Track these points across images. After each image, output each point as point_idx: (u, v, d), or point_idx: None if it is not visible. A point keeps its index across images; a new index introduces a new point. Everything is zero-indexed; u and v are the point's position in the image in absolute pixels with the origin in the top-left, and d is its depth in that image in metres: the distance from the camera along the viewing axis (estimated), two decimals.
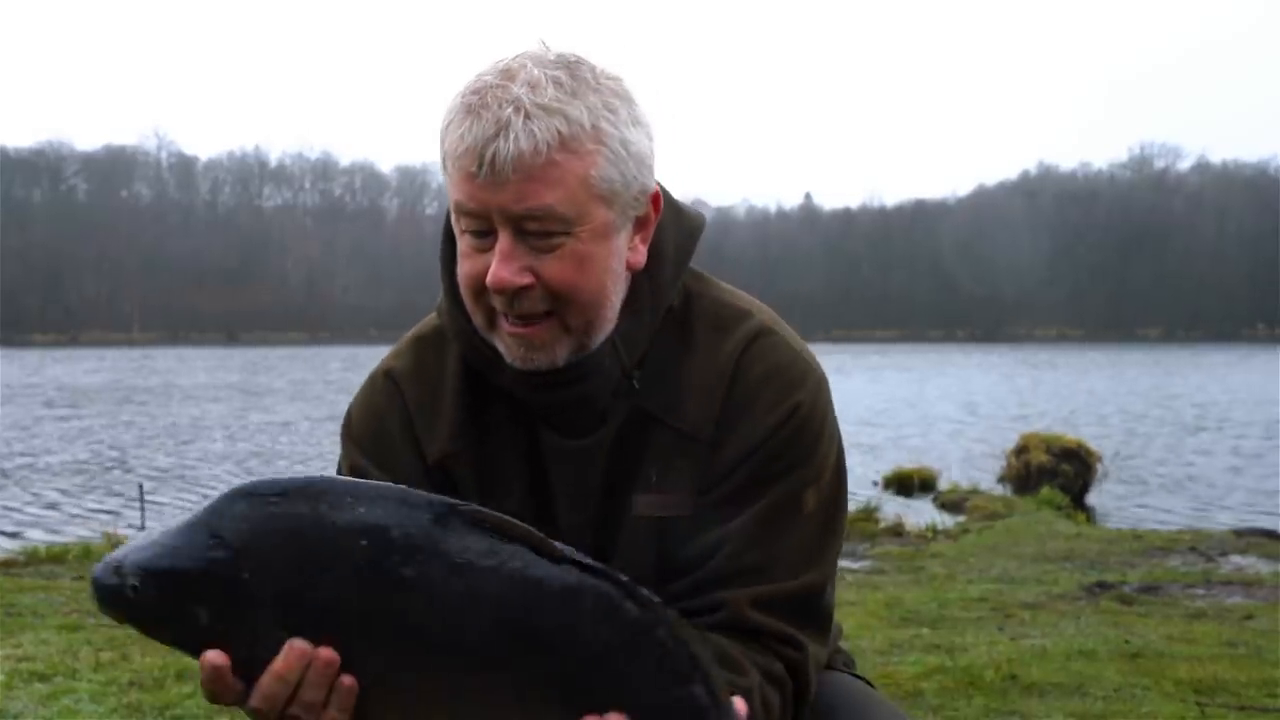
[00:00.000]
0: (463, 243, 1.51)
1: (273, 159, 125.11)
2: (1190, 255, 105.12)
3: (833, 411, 1.62)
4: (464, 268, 1.51)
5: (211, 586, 1.29)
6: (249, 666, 1.29)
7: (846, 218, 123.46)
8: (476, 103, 1.43)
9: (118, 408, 31.86)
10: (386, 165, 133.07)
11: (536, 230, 1.44)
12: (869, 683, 1.77)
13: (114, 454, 20.28)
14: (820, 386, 1.60)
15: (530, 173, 1.41)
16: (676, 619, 1.30)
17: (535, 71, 1.43)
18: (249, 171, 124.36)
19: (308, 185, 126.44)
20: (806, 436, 1.56)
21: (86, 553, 8.99)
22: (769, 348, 1.59)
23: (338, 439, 1.71)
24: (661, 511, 1.55)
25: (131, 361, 64.46)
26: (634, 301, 1.56)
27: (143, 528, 10.39)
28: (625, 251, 1.54)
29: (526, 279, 1.46)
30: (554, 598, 1.27)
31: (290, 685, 1.29)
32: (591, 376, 1.55)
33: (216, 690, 1.30)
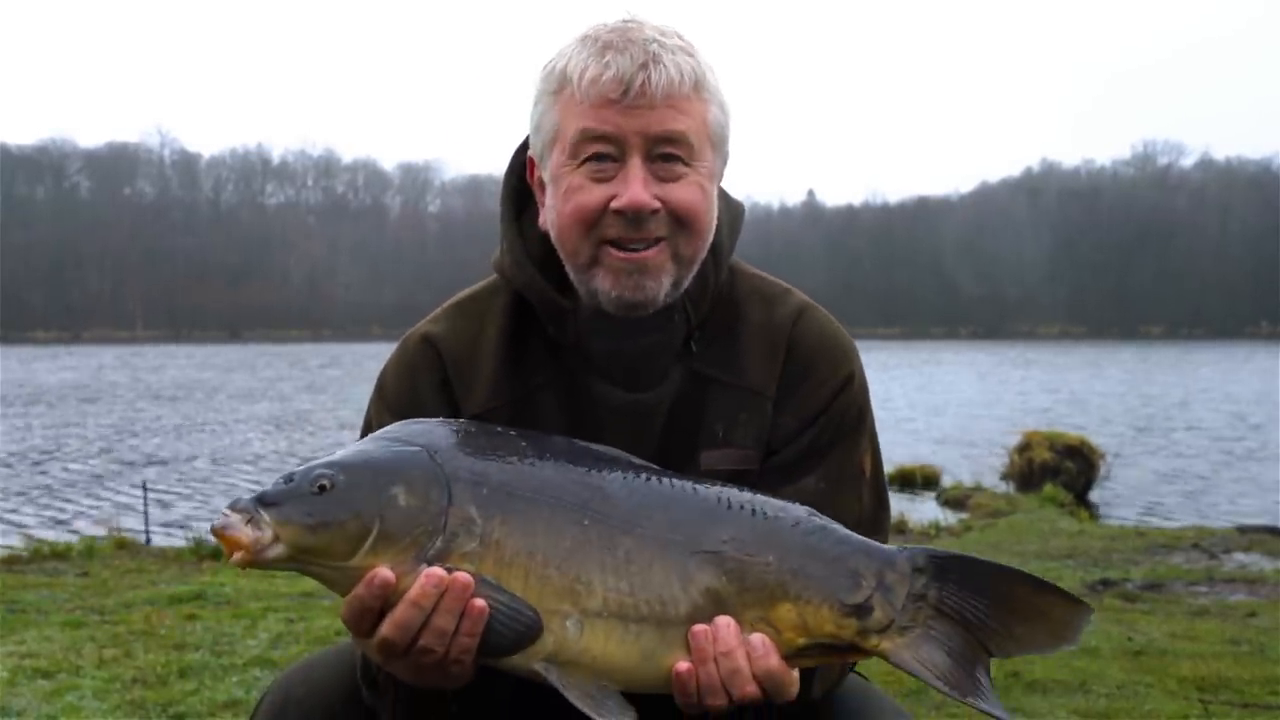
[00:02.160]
0: (576, 176, 1.55)
1: (275, 156, 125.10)
2: (1193, 253, 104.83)
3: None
4: (577, 199, 1.55)
5: (410, 468, 1.40)
6: (432, 556, 1.37)
7: (849, 215, 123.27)
8: (617, 40, 1.54)
9: (73, 407, 31.51)
10: (389, 163, 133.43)
11: (668, 155, 1.53)
12: (866, 680, 1.80)
13: (36, 455, 19.96)
14: (860, 361, 1.72)
15: (673, 100, 1.52)
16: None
17: (658, 25, 1.57)
18: (252, 169, 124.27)
19: (310, 183, 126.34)
20: (857, 404, 1.67)
21: (90, 550, 9.00)
22: (818, 320, 1.70)
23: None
24: (730, 465, 1.62)
25: (116, 359, 64.36)
26: (700, 267, 1.63)
27: (147, 525, 10.38)
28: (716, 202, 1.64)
29: (656, 203, 1.53)
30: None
31: (425, 611, 1.34)
32: (663, 329, 1.61)
33: (364, 614, 1.36)
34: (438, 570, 1.34)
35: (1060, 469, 14.66)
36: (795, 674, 1.43)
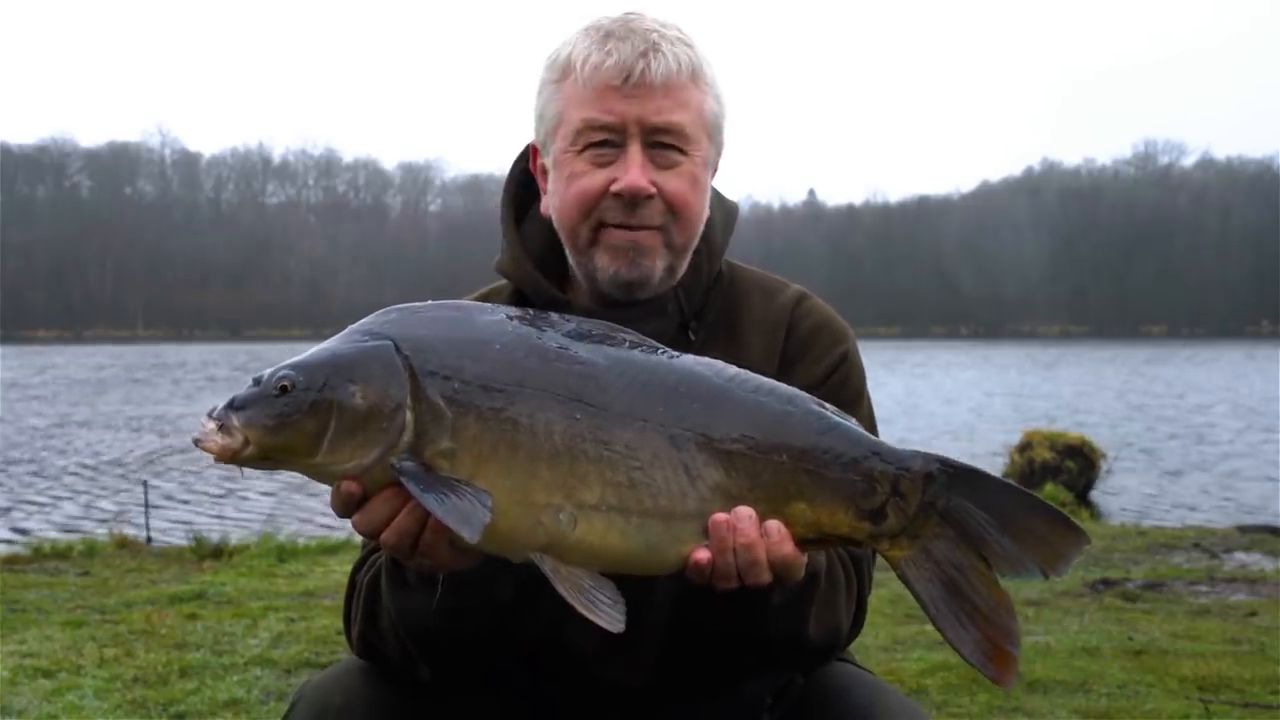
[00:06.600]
0: (579, 163, 1.63)
1: (276, 156, 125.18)
2: (1194, 252, 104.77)
3: None
4: (579, 185, 1.63)
5: (369, 363, 1.37)
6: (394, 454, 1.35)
7: (850, 214, 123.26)
8: (619, 30, 1.62)
9: (73, 405, 31.26)
10: (390, 162, 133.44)
11: (666, 144, 1.61)
12: (874, 675, 1.83)
13: (37, 454, 19.65)
14: (856, 345, 1.79)
15: (671, 90, 1.60)
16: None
17: (657, 18, 1.65)
18: (252, 168, 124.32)
19: (311, 182, 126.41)
20: (854, 382, 1.75)
21: (91, 550, 9.00)
22: (816, 306, 1.79)
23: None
24: None
25: (104, 356, 64.19)
26: (693, 259, 1.72)
27: (148, 524, 10.37)
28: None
29: (653, 188, 1.61)
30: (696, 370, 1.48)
31: (384, 515, 1.38)
32: (656, 317, 1.68)
33: (343, 512, 1.40)
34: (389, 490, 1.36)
35: (1061, 468, 14.62)
36: (804, 558, 1.46)
